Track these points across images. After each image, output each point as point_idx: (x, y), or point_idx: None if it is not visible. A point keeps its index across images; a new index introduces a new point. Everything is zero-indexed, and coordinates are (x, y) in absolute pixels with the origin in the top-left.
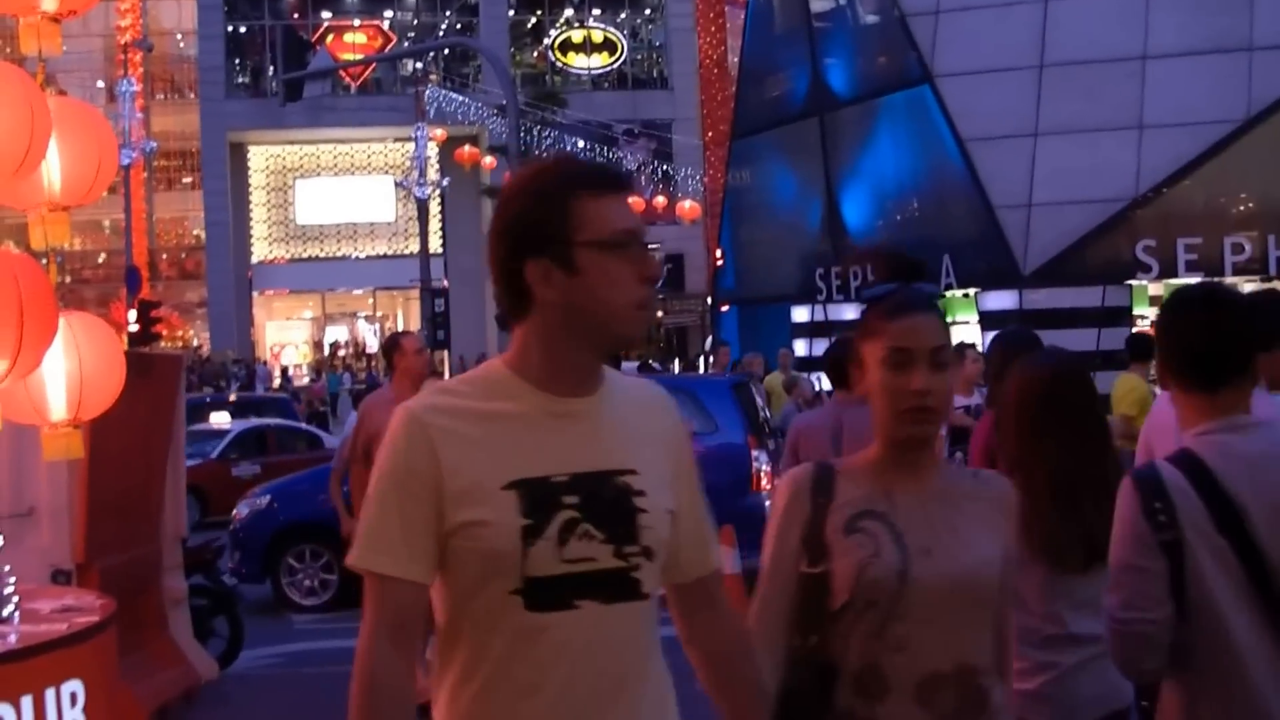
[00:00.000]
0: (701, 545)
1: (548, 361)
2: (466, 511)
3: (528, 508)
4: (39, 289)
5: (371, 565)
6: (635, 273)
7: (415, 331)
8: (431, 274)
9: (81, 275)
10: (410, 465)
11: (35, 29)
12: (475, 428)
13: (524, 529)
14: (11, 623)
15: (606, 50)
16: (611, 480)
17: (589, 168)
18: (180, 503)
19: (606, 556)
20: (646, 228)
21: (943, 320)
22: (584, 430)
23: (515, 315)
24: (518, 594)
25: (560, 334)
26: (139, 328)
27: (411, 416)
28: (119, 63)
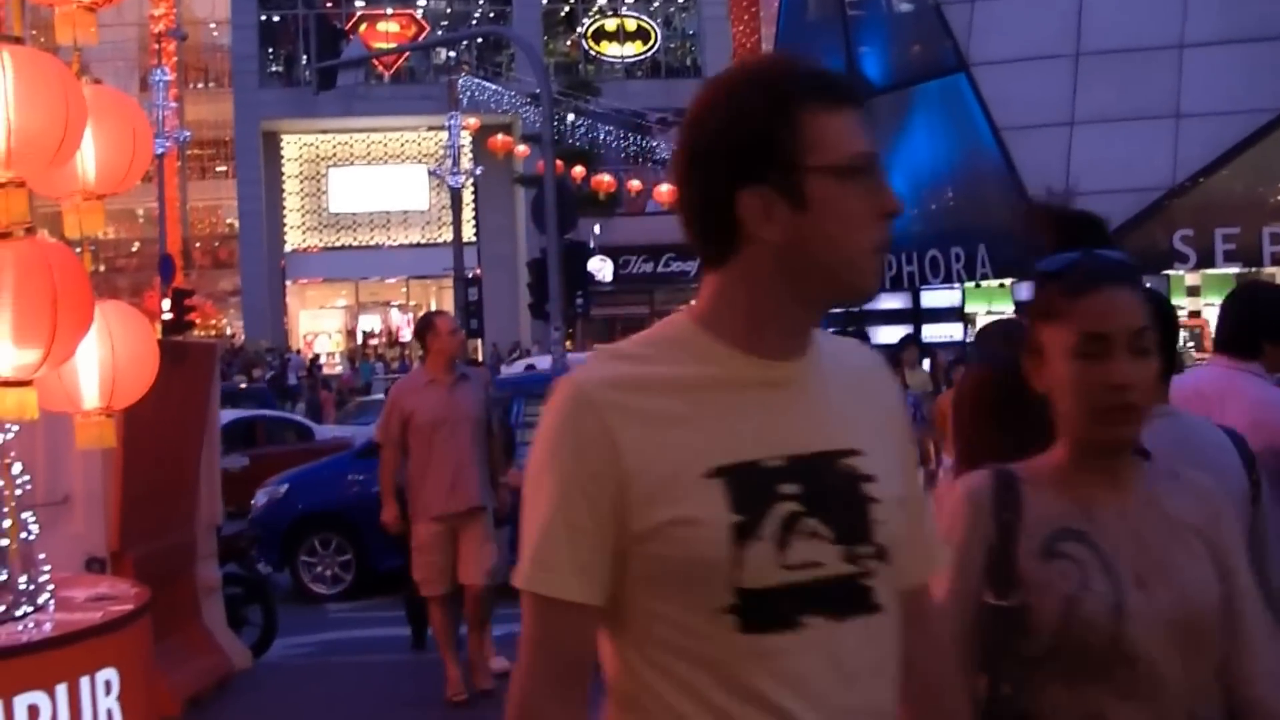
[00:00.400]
0: (925, 544)
1: (754, 316)
2: (660, 510)
3: (738, 500)
4: (74, 278)
5: (538, 586)
6: (873, 207)
7: (449, 312)
8: (465, 262)
9: (115, 264)
10: (580, 456)
11: (71, 18)
12: (663, 401)
13: (735, 527)
14: (47, 611)
15: (640, 39)
16: (835, 463)
17: (820, 72)
18: (215, 491)
19: (835, 560)
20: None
21: (1142, 294)
22: (797, 401)
23: (713, 258)
24: (730, 612)
25: (775, 282)
26: (173, 316)
27: (578, 393)
28: (153, 52)
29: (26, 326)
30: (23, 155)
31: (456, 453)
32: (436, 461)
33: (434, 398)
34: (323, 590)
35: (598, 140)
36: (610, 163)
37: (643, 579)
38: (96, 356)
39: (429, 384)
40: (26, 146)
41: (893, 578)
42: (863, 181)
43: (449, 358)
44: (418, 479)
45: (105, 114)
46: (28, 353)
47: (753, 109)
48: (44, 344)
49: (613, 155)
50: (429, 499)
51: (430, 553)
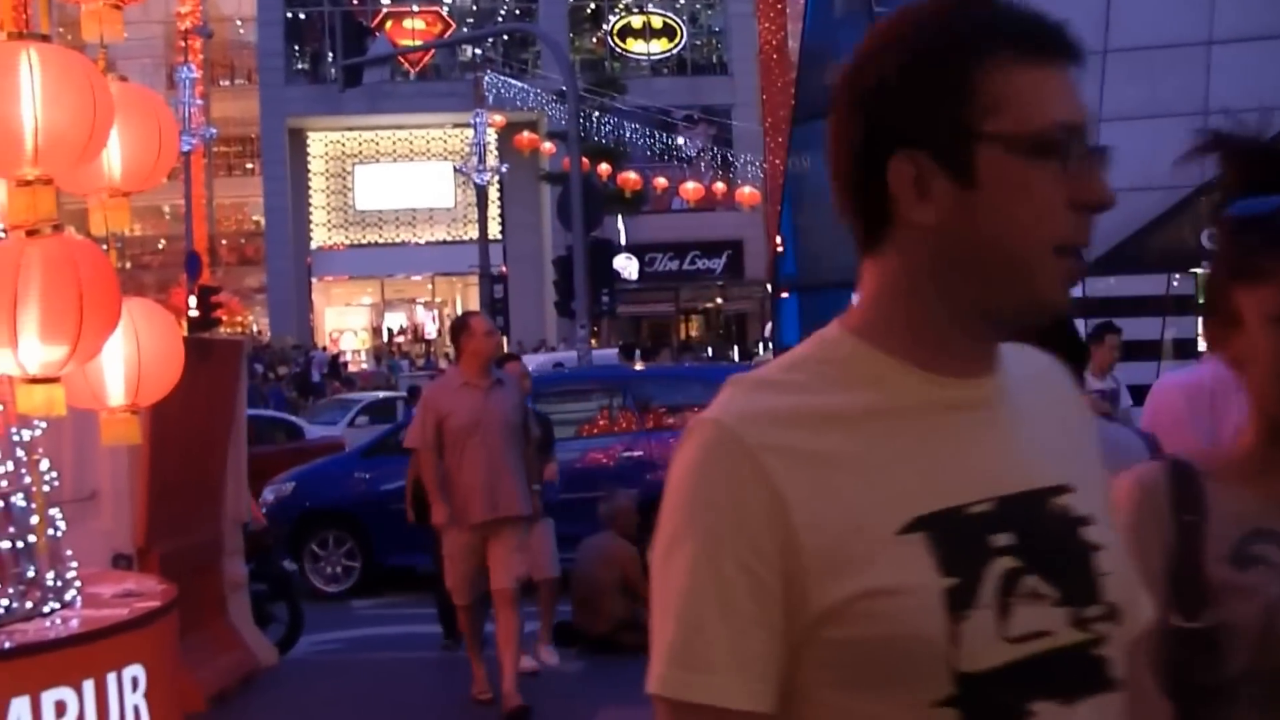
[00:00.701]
0: (1138, 587)
1: (915, 322)
2: (846, 579)
3: (947, 559)
4: (101, 275)
5: (689, 692)
6: (1069, 194)
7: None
8: (490, 260)
9: (141, 261)
10: (733, 516)
11: (97, 15)
12: (831, 438)
13: (948, 594)
14: (74, 607)
15: (666, 36)
16: (1047, 503)
17: (1028, 15)
18: (241, 488)
19: (1063, 627)
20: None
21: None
22: (992, 428)
23: (867, 243)
24: (948, 705)
25: (933, 281)
26: (199, 313)
27: (723, 435)
28: (179, 49)
29: (53, 323)
30: (50, 153)
31: (490, 459)
32: (469, 467)
33: (469, 401)
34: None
35: (623, 137)
36: (636, 160)
37: (827, 672)
38: (122, 353)
39: (463, 387)
40: (54, 144)
41: (1123, 642)
42: (1058, 160)
43: (484, 360)
44: (450, 484)
45: (131, 111)
46: (54, 349)
47: (925, 49)
48: (70, 341)
49: (638, 152)
50: (463, 506)
51: (461, 561)
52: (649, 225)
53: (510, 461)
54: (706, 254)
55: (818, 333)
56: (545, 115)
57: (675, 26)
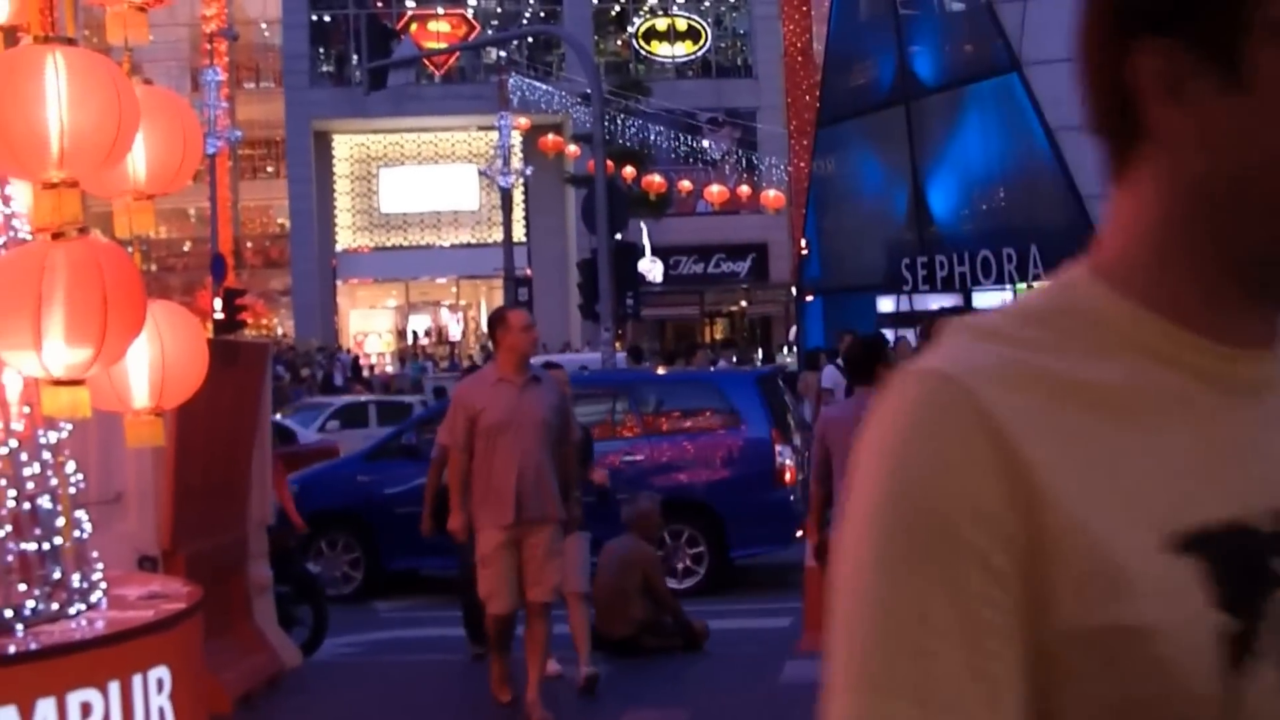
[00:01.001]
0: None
1: (1185, 272)
2: (1098, 605)
3: (1225, 590)
4: (126, 278)
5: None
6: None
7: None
8: (515, 262)
9: (167, 263)
10: (966, 496)
11: (122, 18)
12: (1085, 416)
13: (1227, 639)
14: (99, 609)
15: (690, 38)
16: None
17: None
18: (265, 490)
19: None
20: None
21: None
22: (1277, 421)
23: (1113, 162)
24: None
25: (1203, 218)
26: (224, 315)
27: (954, 394)
28: (204, 52)
29: (78, 326)
30: (76, 156)
31: (523, 459)
32: (500, 467)
33: (503, 398)
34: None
35: (648, 140)
36: (661, 163)
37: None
38: (146, 356)
39: (498, 383)
40: (79, 147)
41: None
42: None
43: (521, 355)
44: (481, 484)
45: (156, 114)
46: (79, 352)
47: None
48: (95, 344)
49: (663, 155)
50: (493, 507)
51: (494, 564)
52: (674, 228)
53: (544, 463)
54: (731, 257)
55: (1054, 278)
56: (570, 118)
57: (700, 29)
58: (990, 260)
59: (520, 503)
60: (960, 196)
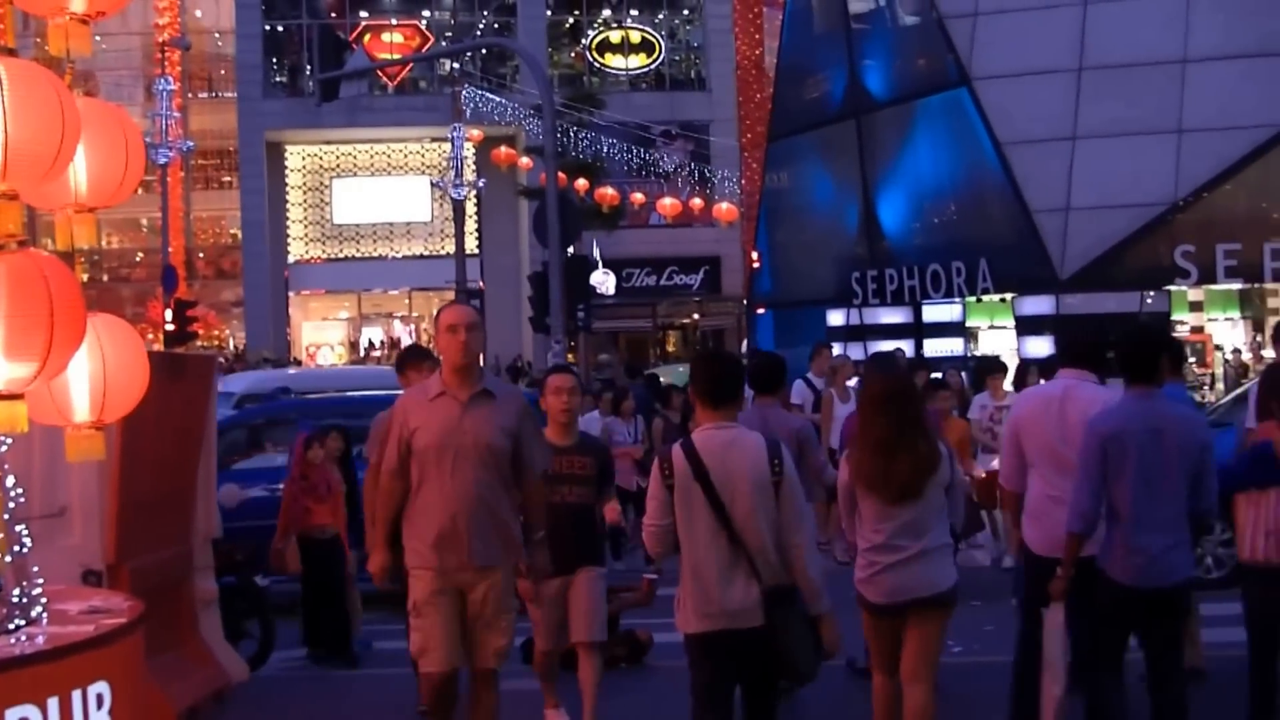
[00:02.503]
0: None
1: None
2: None
3: None
4: (68, 291)
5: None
6: None
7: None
8: (468, 275)
9: (119, 273)
10: None
11: (64, 30)
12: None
13: None
14: (40, 624)
15: (644, 51)
16: None
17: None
18: (211, 503)
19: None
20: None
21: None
22: None
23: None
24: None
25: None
26: (175, 327)
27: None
28: (156, 61)
29: (20, 340)
30: (18, 168)
31: (462, 489)
32: (432, 499)
33: (439, 416)
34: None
35: (601, 153)
36: (614, 175)
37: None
38: (87, 369)
39: (438, 398)
40: (22, 159)
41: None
42: None
43: (455, 364)
44: (409, 518)
45: (97, 126)
46: (21, 366)
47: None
48: (39, 357)
49: (616, 168)
50: (418, 546)
51: (429, 614)
52: (627, 240)
53: (488, 496)
54: (684, 270)
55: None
56: (523, 130)
57: (654, 41)
58: (940, 274)
59: (448, 545)
60: (910, 210)
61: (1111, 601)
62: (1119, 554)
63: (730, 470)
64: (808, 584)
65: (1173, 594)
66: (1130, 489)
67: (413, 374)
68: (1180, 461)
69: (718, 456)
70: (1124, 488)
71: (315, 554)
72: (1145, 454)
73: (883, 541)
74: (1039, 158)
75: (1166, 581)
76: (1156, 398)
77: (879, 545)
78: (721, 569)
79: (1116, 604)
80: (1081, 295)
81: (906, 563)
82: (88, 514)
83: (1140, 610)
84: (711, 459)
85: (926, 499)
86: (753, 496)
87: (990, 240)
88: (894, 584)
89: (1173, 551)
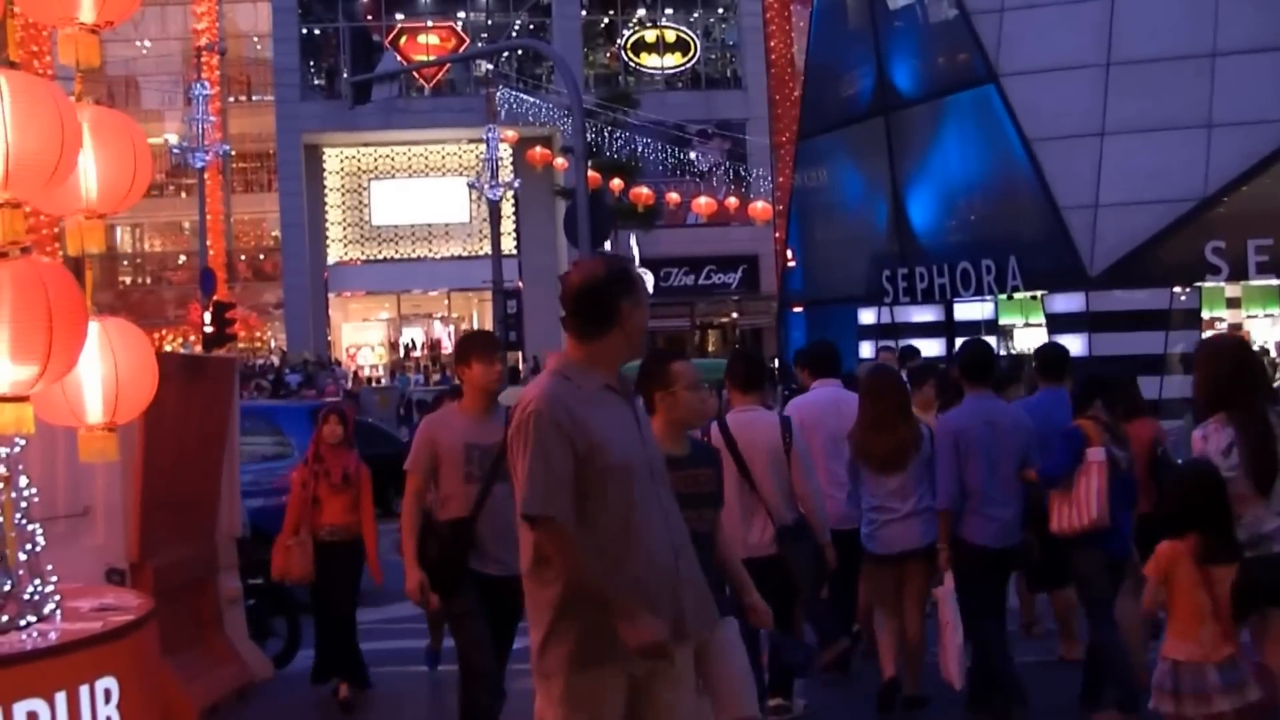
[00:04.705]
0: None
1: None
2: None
3: None
4: (68, 295)
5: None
6: None
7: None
8: (506, 275)
9: (161, 276)
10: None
11: (73, 40)
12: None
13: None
14: (52, 620)
15: (679, 50)
16: None
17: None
18: (235, 503)
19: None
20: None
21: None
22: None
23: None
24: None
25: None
26: (213, 329)
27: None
28: (194, 65)
29: (23, 343)
30: (20, 177)
31: (672, 525)
32: (621, 541)
33: (617, 419)
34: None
35: (636, 152)
36: (650, 175)
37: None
38: (99, 372)
39: (604, 393)
40: (23, 169)
41: None
42: None
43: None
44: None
45: (106, 134)
46: (24, 369)
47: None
48: (40, 360)
49: (652, 167)
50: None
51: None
52: (664, 240)
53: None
54: (722, 268)
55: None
56: (559, 130)
57: (689, 41)
58: (969, 271)
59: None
60: (940, 208)
61: (973, 562)
62: (976, 523)
63: (751, 440)
64: (814, 520)
65: (1016, 551)
66: (979, 471)
67: (479, 366)
68: (1013, 446)
69: (743, 430)
70: (974, 471)
71: (322, 560)
72: (986, 443)
73: (877, 504)
74: (1067, 154)
75: (1013, 542)
76: (989, 398)
77: (875, 507)
78: (743, 513)
79: (976, 563)
80: (1112, 292)
81: (898, 521)
82: (111, 514)
83: (994, 565)
84: (738, 431)
85: (909, 470)
86: (767, 459)
87: (1019, 237)
88: (889, 538)
89: (1014, 519)
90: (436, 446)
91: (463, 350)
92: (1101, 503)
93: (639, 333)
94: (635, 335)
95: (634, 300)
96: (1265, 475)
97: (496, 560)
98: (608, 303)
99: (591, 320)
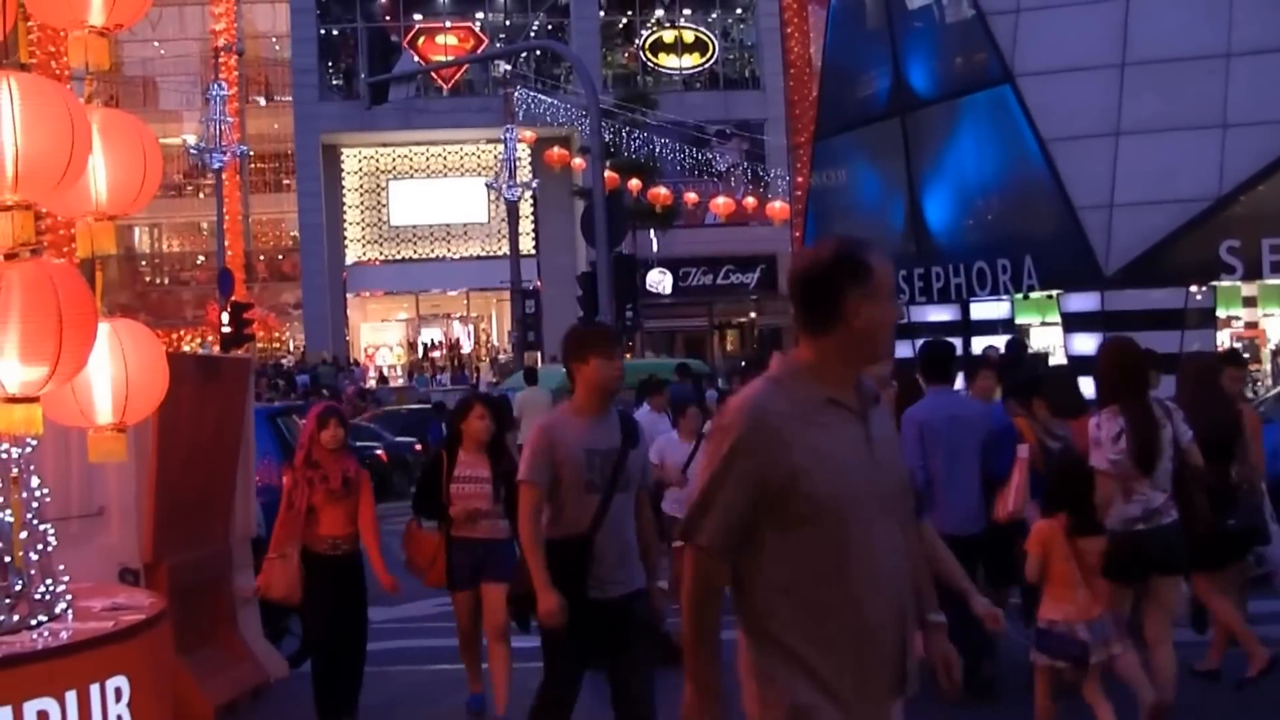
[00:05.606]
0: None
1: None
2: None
3: None
4: (78, 296)
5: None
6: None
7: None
8: (525, 275)
9: (179, 277)
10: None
11: (83, 43)
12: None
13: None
14: (63, 620)
15: (698, 50)
16: None
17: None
18: (250, 503)
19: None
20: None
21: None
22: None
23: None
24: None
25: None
26: (231, 329)
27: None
28: (211, 66)
29: (33, 344)
30: (30, 179)
31: (897, 576)
32: (834, 590)
33: (846, 442)
34: None
35: (654, 153)
36: (668, 175)
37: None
38: (109, 373)
39: (829, 408)
40: (33, 171)
41: None
42: None
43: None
44: (791, 626)
45: (116, 136)
46: (34, 370)
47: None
48: (50, 361)
49: (670, 168)
50: (818, 671)
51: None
52: (682, 240)
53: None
54: (740, 268)
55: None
56: (577, 130)
57: (707, 41)
58: (985, 271)
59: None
60: (956, 208)
61: None
62: (940, 510)
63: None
64: None
65: (978, 538)
66: (941, 462)
67: (598, 362)
68: (974, 440)
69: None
70: (937, 461)
71: (318, 578)
72: (948, 435)
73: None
74: (1083, 153)
75: (976, 529)
76: (952, 393)
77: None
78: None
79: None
80: (1127, 292)
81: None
82: (125, 514)
83: (960, 552)
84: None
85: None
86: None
87: (1035, 237)
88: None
89: (976, 507)
90: (555, 453)
91: (579, 345)
92: (1019, 496)
93: (876, 332)
94: (869, 335)
95: (864, 291)
96: (1148, 458)
97: (615, 581)
98: (829, 294)
99: (814, 314)
